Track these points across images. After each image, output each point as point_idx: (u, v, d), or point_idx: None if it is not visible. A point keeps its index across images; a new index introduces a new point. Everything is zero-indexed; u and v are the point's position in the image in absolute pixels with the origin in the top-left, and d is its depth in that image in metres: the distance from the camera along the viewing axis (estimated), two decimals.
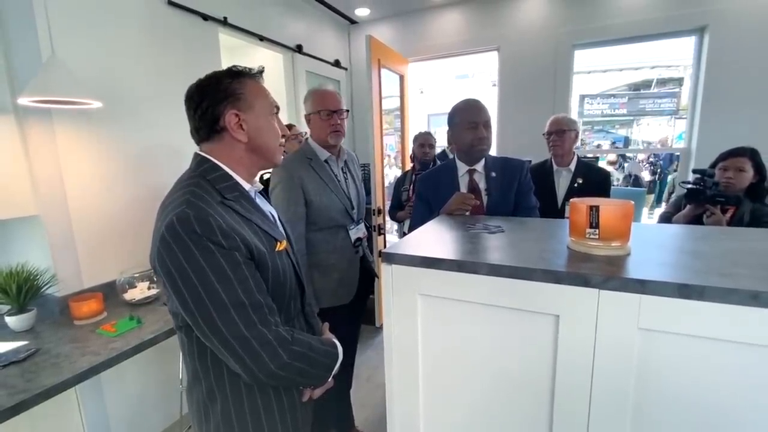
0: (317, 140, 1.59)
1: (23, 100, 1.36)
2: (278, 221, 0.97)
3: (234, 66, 0.86)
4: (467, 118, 1.41)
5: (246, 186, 0.87)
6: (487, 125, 1.41)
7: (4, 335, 1.41)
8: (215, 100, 0.81)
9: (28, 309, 1.45)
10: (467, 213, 1.26)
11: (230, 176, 0.84)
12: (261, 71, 0.89)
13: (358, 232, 1.66)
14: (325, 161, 1.58)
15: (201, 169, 0.83)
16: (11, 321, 1.42)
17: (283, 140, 0.93)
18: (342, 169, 1.66)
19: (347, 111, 1.61)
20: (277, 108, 0.90)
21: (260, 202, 0.93)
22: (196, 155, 0.85)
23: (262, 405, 0.84)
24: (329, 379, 0.90)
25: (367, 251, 1.74)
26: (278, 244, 0.87)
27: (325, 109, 1.53)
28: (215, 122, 0.82)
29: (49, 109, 1.52)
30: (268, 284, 0.82)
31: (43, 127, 1.53)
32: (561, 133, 1.97)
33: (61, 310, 1.56)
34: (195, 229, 0.71)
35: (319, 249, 1.56)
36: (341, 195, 1.58)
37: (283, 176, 1.47)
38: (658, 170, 8.08)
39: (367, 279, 1.74)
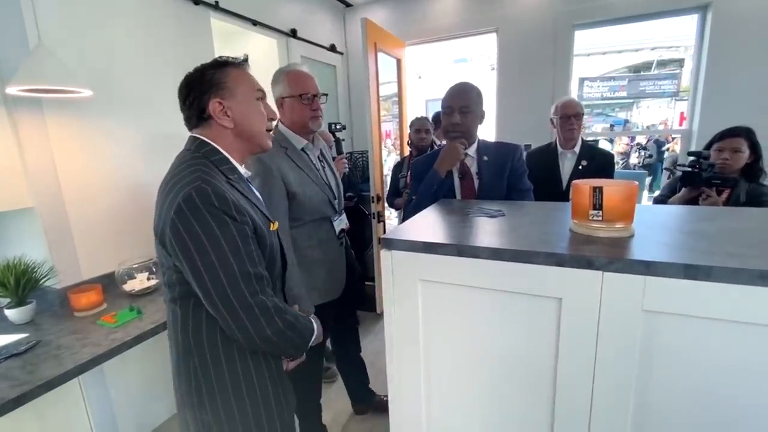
0: (293, 126, 1.45)
1: (12, 90, 1.32)
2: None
3: (219, 57, 0.94)
4: (444, 102, 1.41)
5: (241, 170, 0.95)
6: (463, 111, 1.37)
7: (4, 328, 1.40)
8: (200, 91, 0.88)
9: (28, 302, 1.45)
10: (463, 155, 1.39)
11: (228, 159, 0.91)
12: (245, 60, 0.96)
13: (341, 223, 1.58)
14: (302, 150, 1.46)
15: (203, 150, 0.89)
16: (11, 314, 1.42)
17: (272, 123, 0.99)
18: (318, 157, 1.55)
19: (325, 95, 1.51)
20: (263, 92, 0.96)
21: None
22: (195, 138, 0.91)
23: (253, 368, 0.91)
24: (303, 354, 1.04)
25: (348, 244, 1.68)
26: (272, 224, 0.97)
27: (307, 93, 1.42)
28: (202, 111, 0.89)
29: (40, 99, 1.49)
30: (265, 260, 0.90)
31: (34, 117, 1.50)
32: (579, 116, 1.95)
33: (61, 302, 1.55)
34: (213, 203, 0.78)
35: (304, 245, 1.45)
36: (322, 185, 1.48)
37: (260, 168, 1.32)
38: (644, 153, 8.04)
39: (352, 272, 1.67)
